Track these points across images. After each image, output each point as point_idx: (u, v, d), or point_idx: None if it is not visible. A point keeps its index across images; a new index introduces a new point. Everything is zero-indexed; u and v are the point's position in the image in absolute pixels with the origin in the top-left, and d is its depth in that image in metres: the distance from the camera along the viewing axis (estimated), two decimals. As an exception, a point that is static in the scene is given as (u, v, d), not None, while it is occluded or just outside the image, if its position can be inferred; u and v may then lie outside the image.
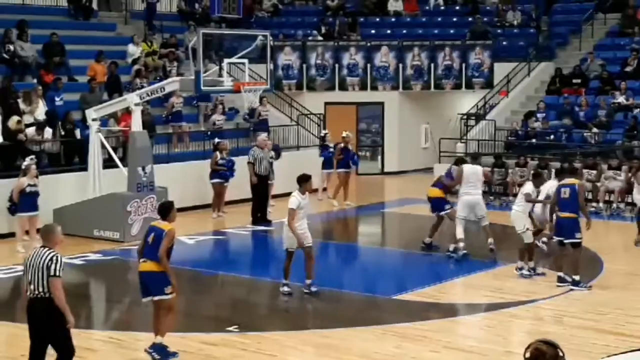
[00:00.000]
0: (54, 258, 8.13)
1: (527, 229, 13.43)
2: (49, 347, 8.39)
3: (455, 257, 14.60)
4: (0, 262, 14.50)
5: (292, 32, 27.47)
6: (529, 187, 13.57)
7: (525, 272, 13.41)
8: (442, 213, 15.37)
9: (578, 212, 12.80)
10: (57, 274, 8.10)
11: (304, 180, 12.42)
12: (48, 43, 21.38)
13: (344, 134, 20.84)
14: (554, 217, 13.11)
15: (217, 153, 19.01)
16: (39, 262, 8.15)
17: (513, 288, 12.85)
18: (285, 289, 12.48)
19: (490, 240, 14.67)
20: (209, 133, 21.24)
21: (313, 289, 12.44)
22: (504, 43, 27.11)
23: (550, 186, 14.08)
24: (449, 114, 26.58)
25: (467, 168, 14.95)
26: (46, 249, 8.26)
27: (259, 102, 20.92)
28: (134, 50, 23.45)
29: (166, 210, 9.96)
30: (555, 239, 13.12)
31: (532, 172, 16.09)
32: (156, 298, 9.72)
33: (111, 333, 10.79)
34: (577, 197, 12.76)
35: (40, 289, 8.13)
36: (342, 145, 20.63)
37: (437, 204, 15.46)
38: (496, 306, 11.97)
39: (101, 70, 21.52)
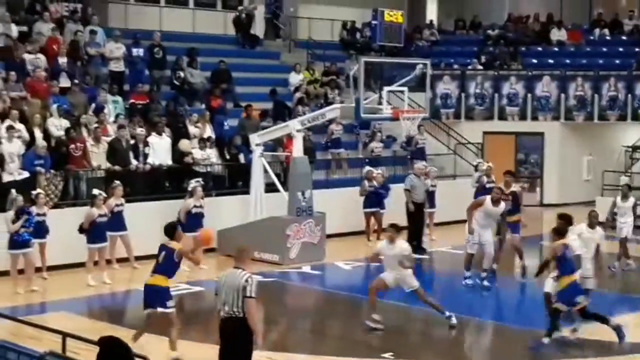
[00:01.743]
0: (249, 279, 8.38)
1: None
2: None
3: None
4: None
5: (451, 61, 27.48)
6: None
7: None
8: None
9: None
10: (252, 294, 8.34)
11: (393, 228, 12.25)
12: (216, 70, 22.27)
13: (486, 165, 20.29)
14: None
15: (366, 182, 19.23)
16: (234, 283, 8.38)
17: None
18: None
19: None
20: (366, 160, 21.52)
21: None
22: (673, 74, 26.13)
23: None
24: (612, 146, 25.81)
25: None
26: (239, 269, 8.51)
27: (417, 130, 21.07)
28: (295, 78, 24.08)
29: (171, 230, 10.81)
30: None
31: None
32: (159, 310, 10.51)
33: (270, 354, 11.06)
34: None
35: (235, 309, 8.35)
36: (485, 177, 20.05)
37: None
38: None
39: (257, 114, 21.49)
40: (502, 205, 14.80)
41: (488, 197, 14.78)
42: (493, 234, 15.10)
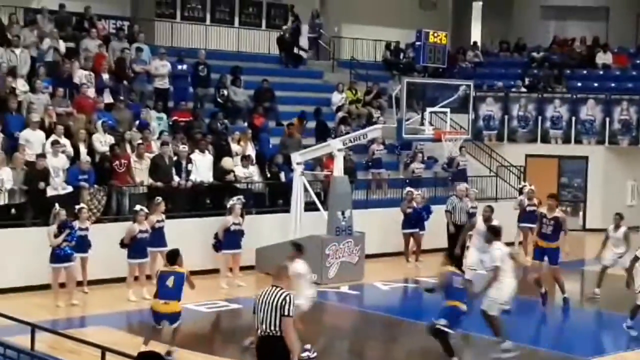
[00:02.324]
0: (287, 298, 8.35)
1: None
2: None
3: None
4: (204, 297, 15.18)
5: (495, 83, 27.37)
6: None
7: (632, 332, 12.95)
8: None
9: None
10: (290, 313, 8.32)
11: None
12: (259, 89, 22.43)
13: (528, 188, 20.22)
14: None
15: (406, 202, 19.19)
16: (272, 302, 8.36)
17: None
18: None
19: None
20: (407, 181, 21.47)
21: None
22: None
23: None
24: (657, 171, 25.50)
25: None
26: (278, 288, 8.48)
27: (459, 151, 21.00)
28: (338, 97, 24.15)
29: (176, 256, 11.54)
30: None
31: None
32: (175, 325, 11.45)
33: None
34: None
35: (272, 328, 8.32)
36: (527, 200, 19.99)
37: None
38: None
39: (299, 127, 21.57)
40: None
41: (480, 217, 14.60)
42: None
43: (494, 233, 12.43)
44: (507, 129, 26.12)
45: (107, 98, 19.23)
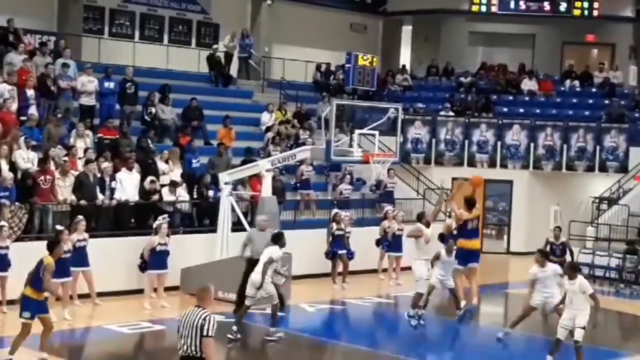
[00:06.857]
0: (207, 318, 8.30)
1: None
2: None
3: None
4: (128, 317, 14.94)
5: (423, 107, 27.67)
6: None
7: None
8: None
9: None
10: (210, 334, 8.27)
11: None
12: (187, 107, 22.23)
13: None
14: None
15: (334, 224, 19.18)
16: (193, 322, 8.33)
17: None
18: None
19: None
20: (335, 202, 21.51)
21: None
22: (642, 127, 26.48)
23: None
24: (580, 197, 26.03)
25: None
26: (200, 308, 8.44)
27: (387, 173, 21.13)
28: (267, 118, 24.09)
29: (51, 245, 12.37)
30: None
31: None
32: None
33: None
34: None
35: (193, 348, 8.28)
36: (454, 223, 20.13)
37: None
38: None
39: (227, 135, 22.05)
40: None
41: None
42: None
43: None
44: (435, 152, 26.43)
45: (33, 114, 18.80)
